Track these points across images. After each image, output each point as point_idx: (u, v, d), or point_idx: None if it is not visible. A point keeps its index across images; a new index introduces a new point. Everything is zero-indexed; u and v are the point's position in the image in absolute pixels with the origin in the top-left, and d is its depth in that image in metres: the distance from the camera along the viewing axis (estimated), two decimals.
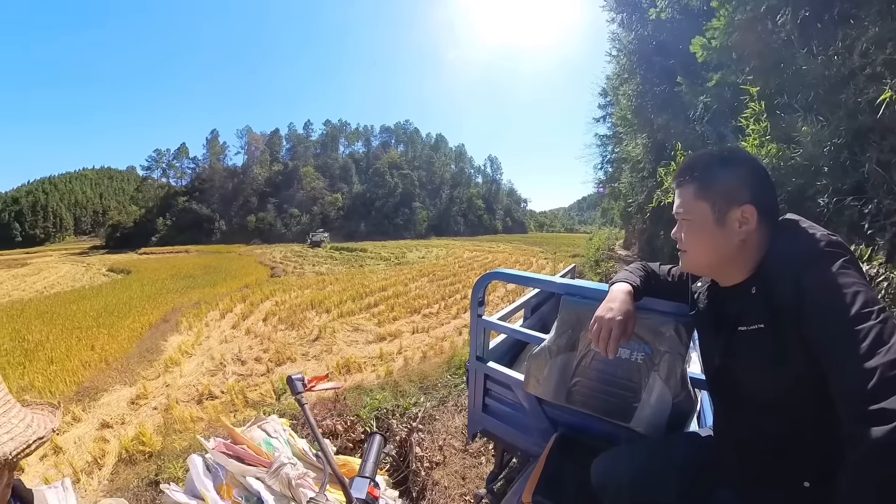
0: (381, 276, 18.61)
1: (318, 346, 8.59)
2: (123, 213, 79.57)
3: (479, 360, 2.20)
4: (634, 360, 1.53)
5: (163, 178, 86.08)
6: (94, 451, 4.98)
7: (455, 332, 8.18)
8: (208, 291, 16.92)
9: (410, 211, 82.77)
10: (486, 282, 2.14)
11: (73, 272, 30.63)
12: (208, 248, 51.93)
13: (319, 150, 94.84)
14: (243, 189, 79.84)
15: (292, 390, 1.67)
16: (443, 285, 15.06)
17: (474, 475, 3.15)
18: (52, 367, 8.33)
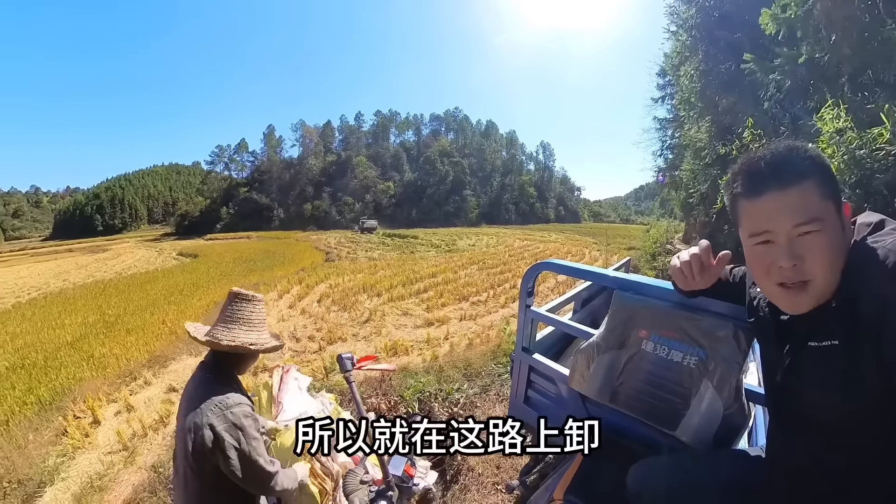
0: (432, 263, 18.76)
1: (367, 328, 8.80)
2: (191, 204, 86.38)
3: (524, 350, 2.17)
4: (686, 364, 1.43)
5: (225, 171, 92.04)
6: (160, 410, 5.45)
7: (502, 322, 8.12)
8: (267, 274, 17.75)
9: (461, 198, 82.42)
10: (537, 272, 2.10)
11: (147, 256, 33.85)
12: (268, 235, 54.53)
13: (371, 140, 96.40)
14: (299, 179, 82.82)
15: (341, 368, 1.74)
16: (492, 274, 14.94)
17: (508, 465, 3.14)
18: (128, 337, 9.22)
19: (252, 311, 1.76)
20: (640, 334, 1.56)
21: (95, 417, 5.46)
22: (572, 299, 2.71)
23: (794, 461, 1.05)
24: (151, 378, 6.78)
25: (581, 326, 1.94)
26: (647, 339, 1.54)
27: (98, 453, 4.64)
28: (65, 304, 14.58)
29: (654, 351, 1.52)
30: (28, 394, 6.47)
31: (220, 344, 1.65)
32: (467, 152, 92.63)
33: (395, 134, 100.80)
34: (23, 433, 5.17)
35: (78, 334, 10.16)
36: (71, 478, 4.22)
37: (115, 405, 5.90)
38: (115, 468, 4.31)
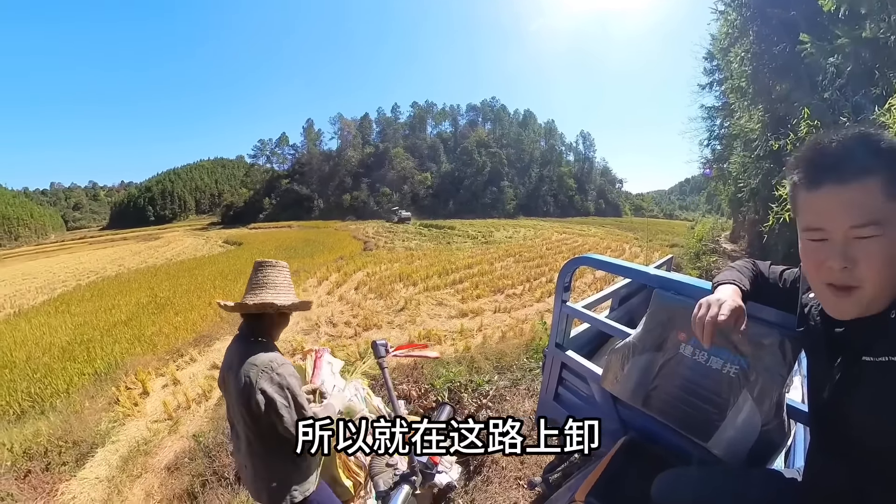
0: (468, 254, 18.71)
1: (402, 316, 8.89)
2: (235, 195, 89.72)
3: (558, 346, 2.13)
4: (726, 373, 1.34)
5: (267, 164, 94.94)
6: (203, 385, 5.76)
7: (537, 316, 8.01)
8: (307, 261, 18.16)
9: (498, 190, 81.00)
10: (574, 267, 2.04)
11: (195, 244, 35.89)
12: (308, 224, 55.76)
13: (408, 131, 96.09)
14: (338, 170, 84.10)
15: (375, 354, 1.75)
16: (528, 267, 14.71)
17: (533, 461, 3.09)
18: (177, 317, 9.76)
19: (276, 276, 1.85)
20: (678, 337, 1.48)
21: (145, 389, 5.86)
22: (610, 296, 2.61)
23: (835, 488, 0.94)
24: (196, 355, 7.18)
25: (617, 325, 1.86)
26: (685, 342, 1.46)
27: (145, 421, 4.99)
28: (120, 287, 15.60)
29: (693, 356, 1.43)
30: (86, 366, 6.98)
31: (247, 306, 1.73)
32: (505, 143, 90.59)
33: (431, 125, 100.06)
34: (80, 400, 5.58)
35: (131, 314, 10.81)
36: (120, 441, 4.55)
37: (162, 379, 6.29)
38: (159, 435, 4.62)
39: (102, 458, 4.27)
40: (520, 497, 2.78)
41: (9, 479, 3.88)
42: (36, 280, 23.05)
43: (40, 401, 5.85)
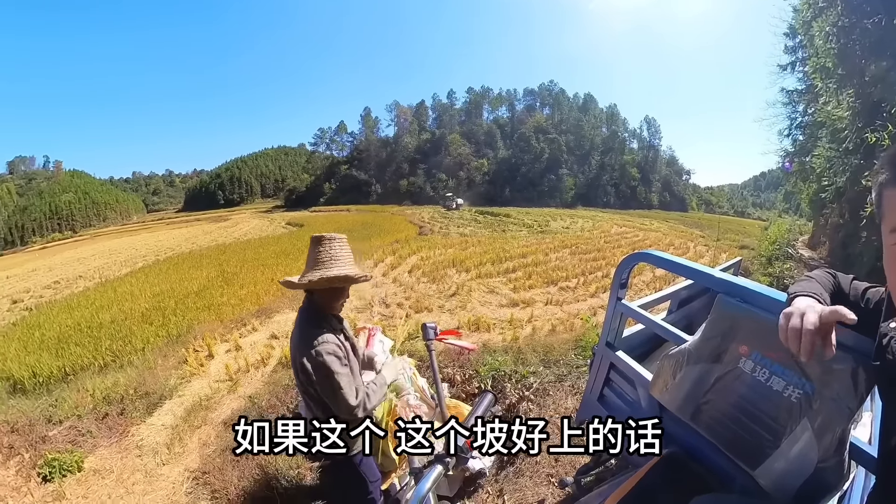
0: (522, 243, 18.33)
1: (453, 302, 8.88)
2: (297, 180, 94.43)
3: (608, 346, 2.03)
4: (787, 396, 1.20)
5: (327, 150, 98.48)
6: (263, 353, 6.09)
7: (589, 311, 7.71)
8: (364, 244, 18.57)
9: (557, 178, 78.23)
10: (633, 263, 1.94)
11: (260, 225, 38.64)
12: (366, 208, 57.45)
13: (464, 117, 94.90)
14: (395, 157, 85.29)
15: (424, 336, 1.76)
16: (584, 260, 14.15)
17: (567, 461, 2.99)
18: (242, 290, 10.40)
19: (332, 249, 1.88)
20: (739, 350, 1.34)
21: (210, 352, 6.31)
22: (669, 298, 2.46)
23: None
24: (258, 325, 7.58)
25: (674, 329, 1.73)
26: (746, 356, 1.32)
27: (208, 380, 5.38)
28: (193, 262, 16.91)
29: (753, 372, 1.29)
30: (161, 329, 7.67)
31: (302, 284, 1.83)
32: (564, 128, 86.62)
33: (488, 110, 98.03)
34: (154, 358, 6.16)
35: (202, 286, 11.69)
36: (185, 396, 4.97)
37: (226, 344, 6.73)
38: (219, 394, 4.99)
39: (169, 408, 4.71)
40: (548, 494, 2.73)
41: (90, 420, 4.43)
42: (121, 255, 26.10)
43: (120, 357, 6.52)
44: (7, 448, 3.99)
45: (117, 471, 3.70)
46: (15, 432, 4.26)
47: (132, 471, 3.68)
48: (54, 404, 4.83)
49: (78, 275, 19.96)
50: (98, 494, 3.41)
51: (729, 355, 1.36)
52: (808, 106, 17.74)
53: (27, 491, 3.44)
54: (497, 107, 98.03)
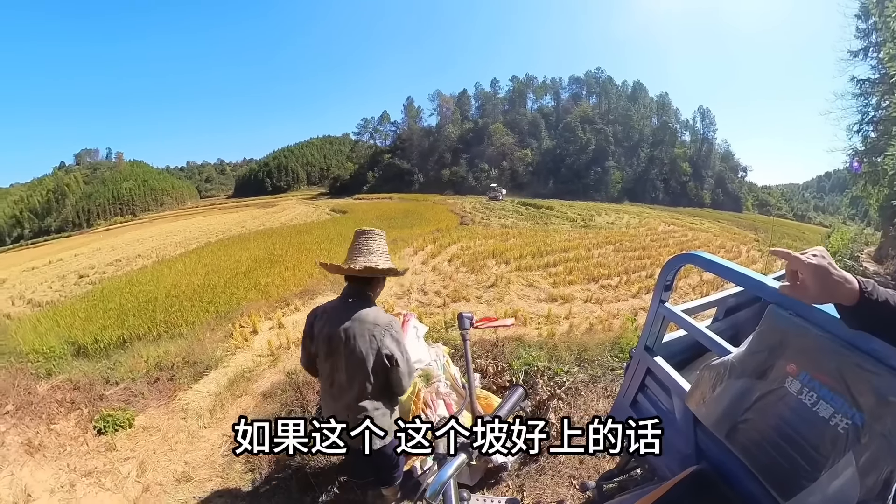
0: (565, 237, 17.90)
1: (491, 293, 8.80)
2: (342, 169, 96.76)
3: (647, 350, 1.93)
4: (834, 425, 1.09)
5: (370, 140, 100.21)
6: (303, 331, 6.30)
7: (630, 312, 7.37)
8: (405, 231, 18.85)
9: (603, 170, 75.21)
10: (679, 264, 1.81)
11: (305, 211, 40.24)
12: (408, 197, 57.98)
13: (507, 106, 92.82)
14: (438, 146, 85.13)
15: (460, 325, 1.76)
16: (629, 258, 13.58)
17: (591, 464, 2.91)
18: (287, 272, 10.82)
19: (374, 242, 2.06)
20: (787, 368, 1.23)
21: (255, 328, 6.60)
22: (715, 304, 2.30)
23: None
24: (301, 305, 7.87)
25: (718, 339, 1.61)
26: (794, 376, 1.21)
27: (251, 354, 5.65)
28: (241, 245, 17.77)
29: (799, 394, 1.19)
30: (210, 305, 8.13)
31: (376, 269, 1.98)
32: (611, 118, 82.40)
33: (532, 99, 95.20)
34: (202, 331, 6.56)
35: (249, 267, 12.24)
36: (229, 367, 5.26)
37: (270, 322, 7.01)
38: (261, 367, 5.24)
39: (213, 377, 5.00)
40: (568, 496, 2.66)
41: (142, 383, 4.82)
42: (176, 237, 28.09)
43: (173, 328, 7.00)
44: (69, 403, 4.42)
45: (163, 430, 4.01)
46: (77, 390, 4.71)
47: (176, 431, 3.98)
48: (112, 367, 5.32)
49: (137, 254, 21.82)
50: (144, 449, 3.72)
51: (775, 373, 1.26)
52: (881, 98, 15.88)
53: (83, 441, 3.82)
54: (541, 95, 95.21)
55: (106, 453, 3.67)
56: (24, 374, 5.22)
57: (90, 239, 43.72)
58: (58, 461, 3.58)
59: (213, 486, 3.19)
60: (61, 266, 22.41)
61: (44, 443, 3.82)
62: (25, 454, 3.66)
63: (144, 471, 3.40)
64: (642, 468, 2.15)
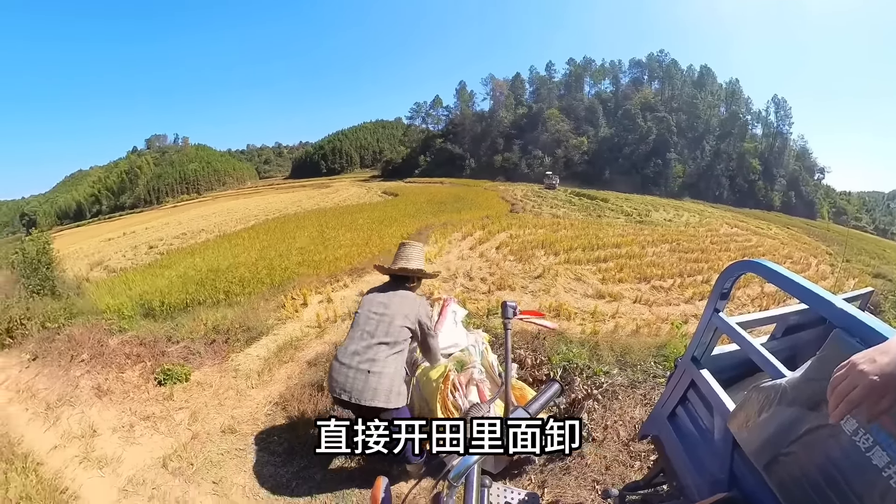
0: (618, 232, 17.23)
1: (538, 284, 8.68)
2: (394, 152, 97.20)
3: (693, 361, 1.79)
4: (886, 477, 0.94)
5: (422, 124, 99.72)
6: (351, 307, 6.55)
7: (680, 318, 7.05)
8: (455, 216, 18.88)
9: (663, 163, 69.31)
10: (739, 272, 1.65)
11: (358, 193, 41.69)
12: (459, 182, 57.38)
13: (563, 91, 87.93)
14: (490, 131, 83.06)
15: (503, 314, 1.75)
16: (685, 259, 12.85)
17: (618, 472, 2.81)
18: (339, 250, 11.23)
19: (410, 251, 2.80)
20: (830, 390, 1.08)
21: (305, 301, 6.91)
22: (774, 321, 2.07)
23: None
24: (349, 282, 8.15)
25: (772, 359, 1.45)
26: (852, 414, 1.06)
27: (300, 325, 5.93)
28: (296, 222, 18.62)
29: (853, 435, 1.01)
30: (265, 277, 8.58)
31: (407, 269, 2.71)
32: (675, 106, 74.69)
33: (589, 84, 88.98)
34: (257, 301, 6.97)
35: (303, 243, 12.80)
36: (279, 335, 5.55)
37: (319, 296, 7.29)
38: (308, 337, 5.51)
39: (264, 343, 5.31)
40: (589, 500, 2.60)
41: (200, 343, 5.23)
42: (236, 213, 30.19)
43: (230, 297, 7.44)
44: (135, 356, 4.92)
45: (215, 386, 4.37)
46: (142, 345, 5.23)
47: (226, 388, 4.32)
48: (174, 328, 5.81)
49: (201, 228, 23.68)
50: (197, 401, 4.08)
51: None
52: None
53: (145, 390, 4.28)
54: (599, 80, 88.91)
55: (163, 402, 4.06)
56: (98, 330, 5.83)
57: (159, 214, 48.42)
58: (121, 405, 4.04)
59: (253, 440, 3.46)
60: (134, 238, 25.00)
61: (111, 388, 4.30)
62: (95, 396, 4.17)
63: (195, 420, 3.74)
64: (669, 485, 2.03)
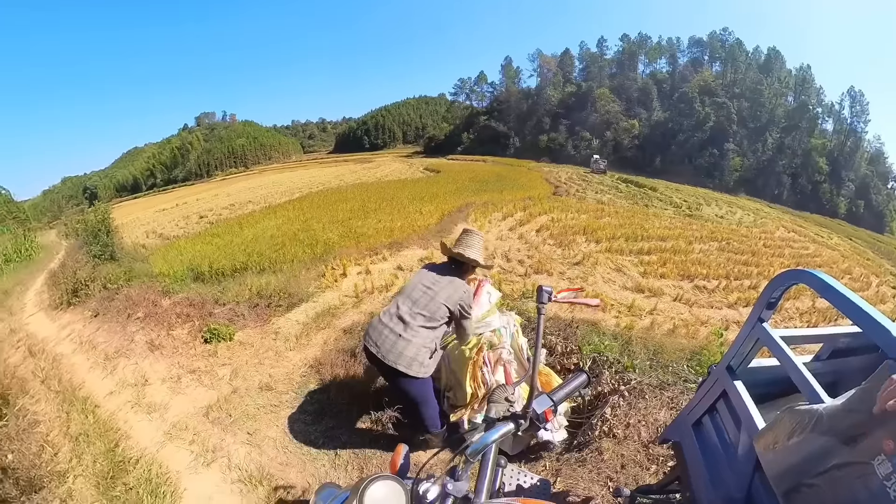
0: (665, 224, 16.35)
1: (576, 271, 8.52)
2: (437, 129, 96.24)
3: (728, 370, 1.69)
4: None
5: (466, 101, 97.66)
6: (388, 280, 6.73)
7: (721, 323, 6.67)
8: (496, 196, 18.68)
9: (720, 153, 62.85)
10: (790, 282, 1.51)
11: (400, 168, 42.09)
12: (502, 160, 55.44)
13: (615, 69, 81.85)
14: (536, 110, 79.55)
15: (538, 298, 1.73)
16: (733, 260, 11.91)
17: (632, 472, 2.74)
18: (378, 224, 11.50)
19: (471, 239, 2.83)
20: (883, 443, 0.94)
21: (344, 272, 7.14)
22: (822, 340, 1.90)
23: None
24: (388, 256, 8.30)
25: (813, 381, 1.32)
26: (888, 455, 0.92)
27: (339, 294, 6.19)
28: (339, 196, 19.07)
29: (885, 479, 0.91)
30: (307, 247, 8.93)
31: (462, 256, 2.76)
32: (737, 91, 66.79)
33: (644, 62, 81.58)
34: (298, 269, 7.31)
35: (345, 216, 13.14)
36: (318, 303, 5.84)
37: (358, 268, 7.49)
38: (345, 306, 5.76)
39: (303, 309, 5.60)
40: (599, 496, 2.57)
41: (245, 306, 5.59)
42: (281, 186, 31.61)
43: (274, 264, 7.86)
44: (185, 315, 5.38)
45: (256, 346, 4.70)
46: (192, 306, 5.68)
47: (266, 349, 4.64)
48: (221, 291, 6.23)
49: (248, 200, 25.05)
50: (239, 359, 4.43)
51: (867, 444, 0.98)
52: None
53: (192, 346, 4.70)
54: (655, 59, 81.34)
55: (208, 358, 4.44)
56: (153, 291, 6.43)
57: (209, 187, 50.97)
58: (171, 359, 4.48)
59: (288, 398, 3.74)
60: (185, 208, 26.91)
61: (162, 343, 4.76)
62: (148, 350, 4.66)
63: (236, 376, 4.09)
64: (683, 494, 1.95)
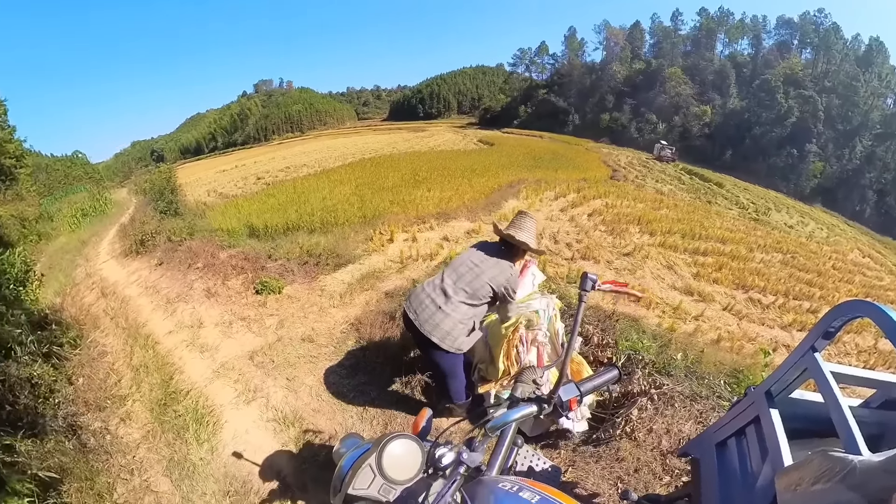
0: (726, 226, 15.27)
1: (625, 262, 8.30)
2: (493, 100, 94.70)
3: (767, 396, 1.55)
4: None
5: (526, 73, 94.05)
6: (433, 249, 6.88)
7: (769, 344, 6.26)
8: (550, 174, 18.30)
9: (799, 154, 54.38)
10: (853, 314, 1.33)
11: (453, 139, 42.10)
12: (559, 138, 53.58)
13: (690, 47, 73.65)
14: (600, 86, 74.69)
15: (581, 284, 1.70)
16: (796, 277, 10.89)
17: (644, 479, 2.66)
18: (428, 193, 11.62)
19: (525, 222, 2.73)
20: None
21: (391, 238, 7.36)
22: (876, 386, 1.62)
23: None
24: (435, 225, 8.45)
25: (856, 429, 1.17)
26: None
27: (384, 259, 6.43)
28: (391, 163, 19.27)
29: None
30: (357, 212, 9.22)
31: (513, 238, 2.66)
32: (828, 85, 56.73)
33: (723, 42, 72.44)
34: (348, 232, 7.68)
35: (395, 184, 13.39)
36: (364, 265, 6.11)
37: (405, 234, 7.69)
38: (390, 270, 6.01)
39: (349, 270, 5.86)
40: (607, 494, 2.54)
41: (294, 263, 5.98)
42: (335, 151, 32.79)
43: (325, 226, 8.28)
44: (239, 268, 5.84)
45: (302, 300, 5.02)
46: (246, 260, 6.13)
47: (311, 304, 4.94)
48: (274, 248, 6.63)
49: (303, 164, 26.25)
50: (286, 311, 4.78)
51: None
52: None
53: (245, 296, 5.15)
54: (736, 38, 71.96)
55: (258, 308, 4.83)
56: (211, 244, 6.98)
57: (267, 150, 53.31)
58: (224, 306, 4.93)
59: (327, 351, 4.01)
60: (244, 170, 28.56)
61: (218, 292, 5.25)
62: (204, 297, 5.17)
63: (282, 326, 4.43)
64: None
